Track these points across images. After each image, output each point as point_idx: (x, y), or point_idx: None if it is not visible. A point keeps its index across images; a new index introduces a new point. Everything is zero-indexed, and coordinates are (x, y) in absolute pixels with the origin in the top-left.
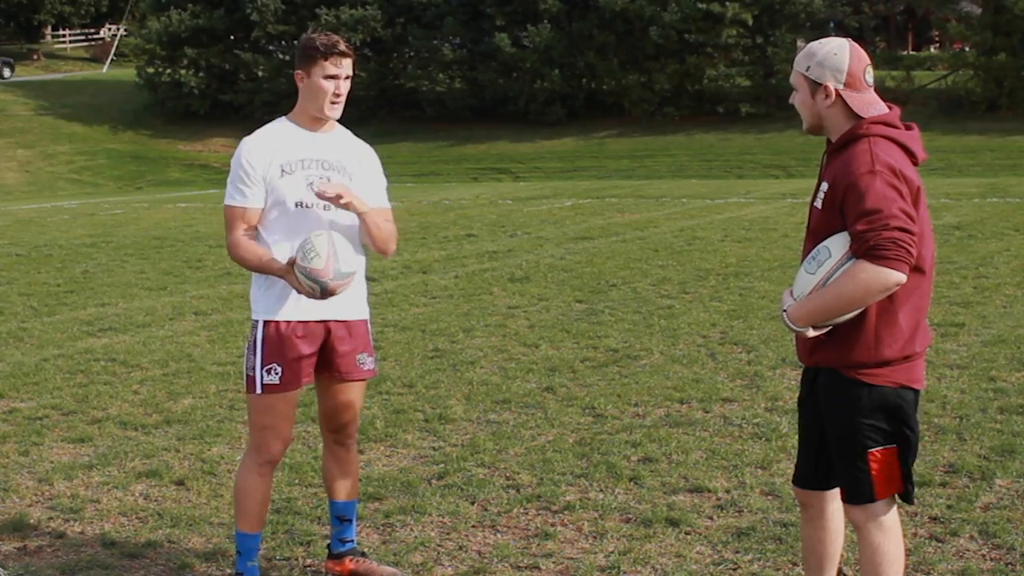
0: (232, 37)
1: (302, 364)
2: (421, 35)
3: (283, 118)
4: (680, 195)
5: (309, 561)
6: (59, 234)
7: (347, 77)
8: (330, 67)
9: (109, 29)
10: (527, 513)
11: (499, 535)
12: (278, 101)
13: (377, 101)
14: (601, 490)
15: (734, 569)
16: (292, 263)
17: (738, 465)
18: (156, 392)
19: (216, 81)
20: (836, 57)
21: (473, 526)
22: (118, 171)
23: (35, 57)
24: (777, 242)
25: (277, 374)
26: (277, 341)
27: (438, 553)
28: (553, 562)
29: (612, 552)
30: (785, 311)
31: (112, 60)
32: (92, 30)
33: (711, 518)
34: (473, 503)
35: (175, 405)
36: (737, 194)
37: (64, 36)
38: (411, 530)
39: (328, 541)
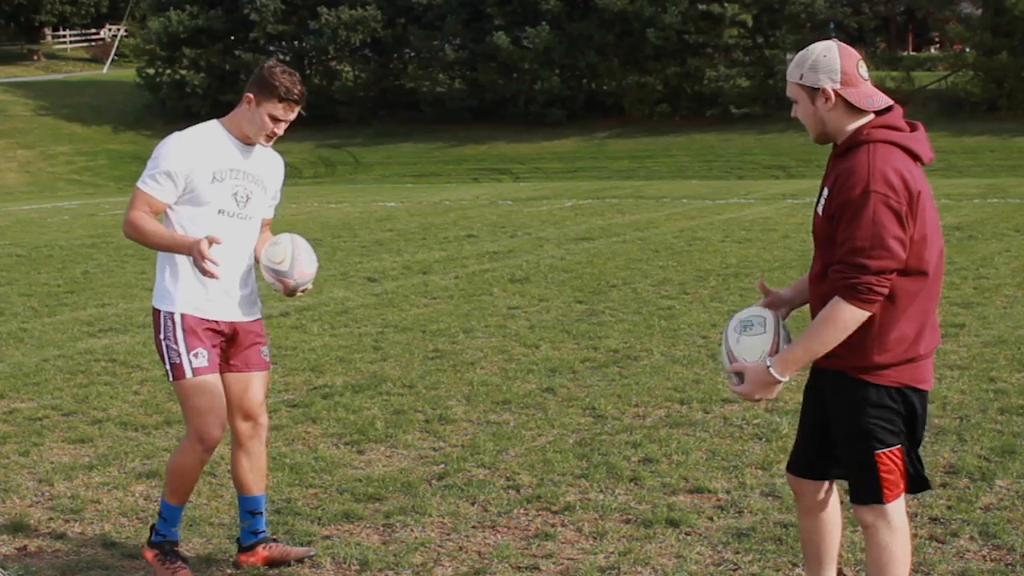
0: (232, 37)
1: (217, 352)
2: (421, 35)
3: (217, 123)
4: (680, 196)
5: (309, 562)
6: (59, 235)
7: (290, 121)
8: (280, 111)
9: (109, 30)
10: (527, 514)
11: (499, 536)
12: None
13: (377, 101)
14: (601, 491)
15: (734, 570)
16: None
17: (738, 466)
18: (156, 393)
19: (217, 81)
20: (827, 59)
21: (473, 527)
22: (118, 171)
23: (35, 58)
24: (777, 243)
25: (204, 356)
26: (196, 330)
27: (438, 554)
28: (553, 563)
29: (612, 553)
30: (770, 367)
31: (112, 60)
32: (92, 30)
33: (711, 519)
34: (473, 504)
35: (175, 406)
36: (737, 195)
37: (64, 37)
38: (411, 531)
39: (238, 536)
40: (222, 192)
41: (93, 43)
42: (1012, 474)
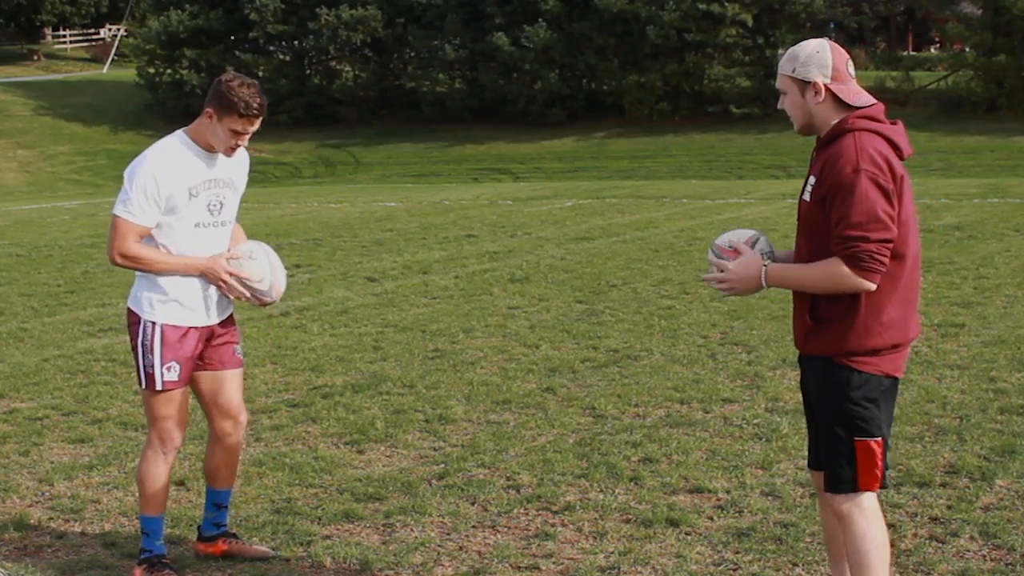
0: (232, 37)
1: (193, 362)
2: (421, 35)
3: (183, 135)
4: (680, 195)
5: (309, 562)
6: (59, 234)
7: (252, 132)
8: (241, 125)
9: (109, 30)
10: (527, 513)
11: (499, 535)
12: (279, 102)
13: (377, 101)
14: (601, 490)
15: (734, 569)
16: (214, 257)
17: (738, 466)
18: None
19: None
20: (820, 55)
21: (473, 526)
22: (118, 171)
23: (35, 58)
24: (777, 243)
25: (176, 371)
26: (175, 343)
27: (438, 553)
28: (553, 562)
29: (612, 552)
30: (766, 266)
31: (112, 60)
32: (92, 30)
33: (711, 518)
34: (473, 503)
35: None
36: (737, 195)
37: (64, 37)
38: (411, 530)
39: (199, 524)
40: (198, 206)
41: (93, 43)
42: (1012, 474)
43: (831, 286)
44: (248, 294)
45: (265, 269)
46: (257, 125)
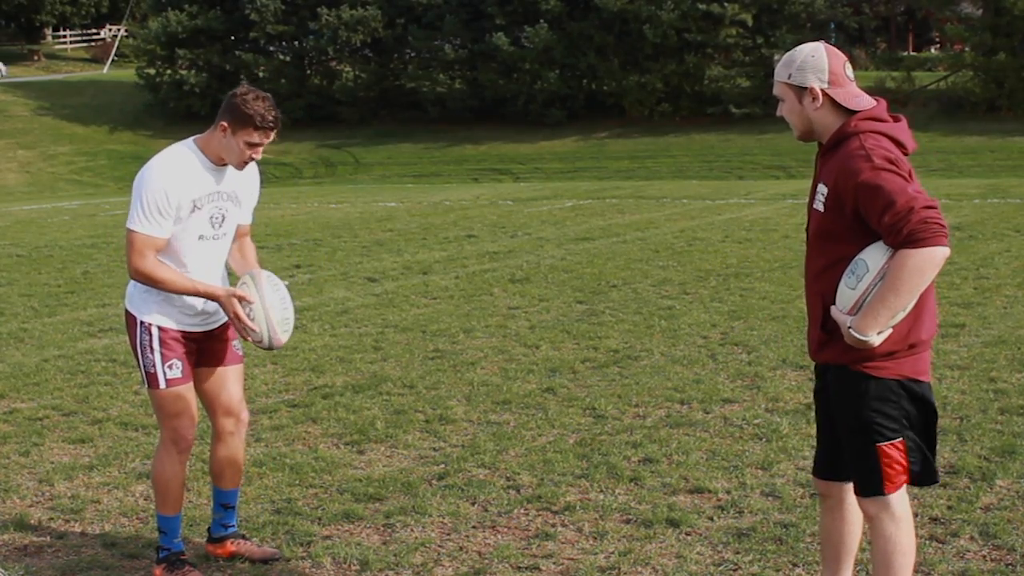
0: (232, 37)
1: (191, 359)
2: (421, 35)
3: (192, 145)
4: (680, 196)
5: (309, 562)
6: (60, 235)
7: (266, 144)
8: (257, 137)
9: (109, 30)
10: (527, 514)
11: (500, 536)
12: (279, 103)
13: (377, 102)
14: (601, 491)
15: (734, 570)
16: (231, 295)
17: (738, 466)
18: None
19: (216, 81)
20: (815, 59)
21: (474, 527)
22: (118, 172)
23: (36, 58)
24: (778, 243)
25: (178, 368)
26: (173, 342)
27: (438, 554)
28: (553, 563)
29: (612, 553)
30: (850, 327)
31: (112, 61)
32: (92, 31)
33: (711, 519)
34: (474, 504)
35: None
36: (738, 195)
37: (65, 37)
38: (411, 531)
39: (209, 526)
40: (201, 219)
41: (93, 43)
42: (1012, 474)
43: (915, 278)
44: (249, 338)
45: (263, 331)
46: (272, 138)
